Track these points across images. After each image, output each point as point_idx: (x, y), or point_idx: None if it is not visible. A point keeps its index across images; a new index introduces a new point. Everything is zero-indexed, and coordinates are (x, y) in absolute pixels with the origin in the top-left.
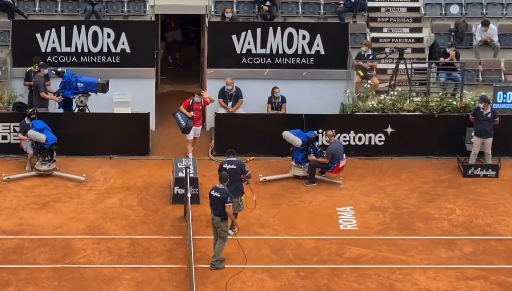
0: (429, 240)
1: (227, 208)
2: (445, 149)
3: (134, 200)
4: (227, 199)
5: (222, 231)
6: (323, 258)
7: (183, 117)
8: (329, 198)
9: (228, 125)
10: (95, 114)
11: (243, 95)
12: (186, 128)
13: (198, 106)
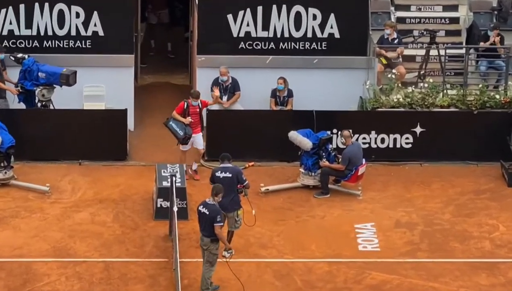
0: (467, 264)
1: (216, 228)
2: (486, 153)
3: (109, 214)
4: (217, 218)
5: (211, 254)
6: (338, 285)
7: (178, 126)
8: (346, 212)
9: (223, 124)
10: (61, 111)
11: (240, 87)
12: (186, 138)
13: (195, 109)
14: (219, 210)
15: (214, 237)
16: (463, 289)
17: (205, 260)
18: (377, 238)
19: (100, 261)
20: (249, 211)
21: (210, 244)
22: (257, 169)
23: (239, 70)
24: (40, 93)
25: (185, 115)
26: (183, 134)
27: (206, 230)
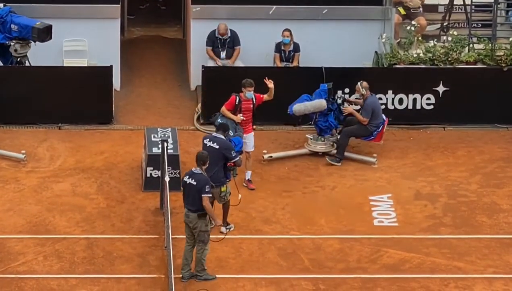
0: (496, 240)
1: (205, 200)
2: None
3: (92, 185)
4: (205, 188)
5: (201, 232)
6: (351, 265)
7: (229, 124)
8: (359, 182)
9: (221, 82)
10: (38, 69)
11: (240, 41)
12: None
13: (248, 105)
14: (207, 180)
15: (202, 211)
16: (492, 269)
17: (197, 240)
18: (395, 211)
19: (83, 238)
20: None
21: (198, 220)
22: (259, 134)
23: (239, 22)
24: (12, 48)
25: (235, 112)
26: (233, 135)
27: (193, 204)
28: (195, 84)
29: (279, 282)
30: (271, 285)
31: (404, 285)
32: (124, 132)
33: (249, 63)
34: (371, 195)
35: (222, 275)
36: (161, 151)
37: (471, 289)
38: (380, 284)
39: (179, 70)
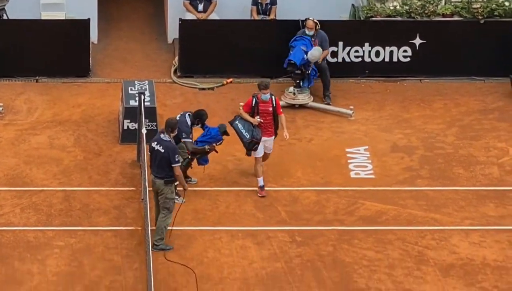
0: (473, 192)
1: (176, 169)
2: (494, 67)
3: (69, 138)
4: (174, 157)
5: (166, 199)
6: (328, 217)
7: (245, 127)
8: (336, 135)
9: (197, 36)
10: (16, 22)
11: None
12: (253, 142)
13: (267, 107)
14: (175, 148)
15: (168, 178)
16: (469, 221)
17: (162, 207)
18: (372, 163)
19: (60, 190)
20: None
21: (164, 187)
22: (236, 86)
23: None
24: None
25: (253, 114)
26: (249, 138)
27: (159, 171)
28: (172, 37)
29: (256, 234)
30: (248, 237)
31: (380, 237)
32: (102, 85)
33: (226, 16)
34: (347, 147)
35: (198, 227)
36: (138, 103)
37: (447, 241)
38: (357, 236)
39: (156, 23)
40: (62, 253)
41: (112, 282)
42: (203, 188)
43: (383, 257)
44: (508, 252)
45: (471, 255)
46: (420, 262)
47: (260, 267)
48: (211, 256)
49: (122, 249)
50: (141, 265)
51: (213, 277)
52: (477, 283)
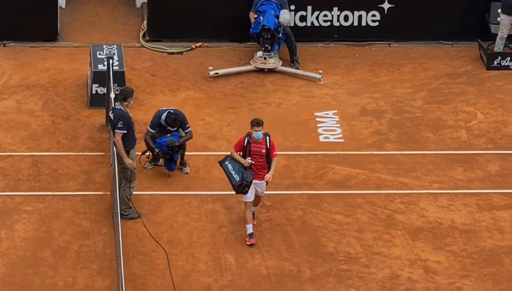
0: (441, 156)
1: (116, 135)
2: (462, 32)
3: (37, 102)
4: (118, 124)
5: (124, 168)
6: (297, 181)
7: (235, 168)
8: (305, 99)
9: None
10: None
11: None
12: (242, 185)
13: (259, 148)
14: (123, 115)
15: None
16: (437, 185)
17: (120, 176)
18: (340, 127)
19: (28, 155)
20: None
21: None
22: (205, 50)
23: None
24: None
25: (245, 155)
26: (239, 180)
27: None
28: (141, 2)
29: (225, 198)
30: (217, 201)
31: (350, 201)
32: (70, 49)
33: None
34: (316, 111)
35: (168, 192)
36: (107, 67)
37: (416, 204)
38: (326, 200)
39: None
40: (31, 218)
41: (80, 247)
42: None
43: (352, 221)
44: (476, 216)
45: (440, 218)
46: (389, 225)
47: (230, 232)
48: (181, 221)
49: (91, 214)
50: (110, 230)
51: (182, 242)
52: (446, 246)
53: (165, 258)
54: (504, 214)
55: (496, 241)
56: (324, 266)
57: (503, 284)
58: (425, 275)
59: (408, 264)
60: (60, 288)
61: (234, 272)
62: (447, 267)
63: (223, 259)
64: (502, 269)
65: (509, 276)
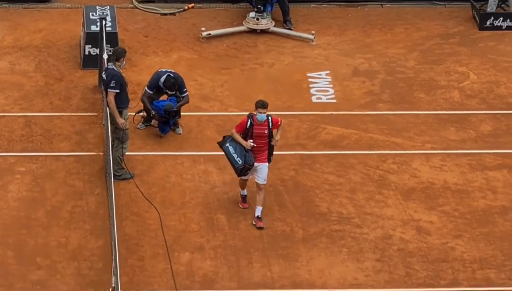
0: (434, 116)
1: (109, 95)
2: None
3: (30, 63)
4: (111, 83)
5: (116, 129)
6: (290, 141)
7: (237, 150)
8: (298, 59)
9: None
10: None
11: None
12: (245, 168)
13: (262, 130)
14: (115, 74)
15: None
16: (430, 145)
17: (113, 137)
18: (333, 88)
19: (21, 116)
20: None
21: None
22: (198, 11)
23: None
24: None
25: (246, 137)
26: (242, 164)
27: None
28: None
29: (218, 159)
30: (210, 162)
31: (342, 161)
32: (63, 10)
33: None
34: (309, 71)
35: (161, 152)
36: (100, 28)
37: (408, 164)
38: (319, 160)
39: None
40: (24, 178)
41: (73, 207)
42: None
43: (345, 181)
44: (469, 176)
45: (432, 179)
46: (382, 186)
47: (222, 192)
48: (173, 181)
49: (84, 175)
50: (103, 190)
51: (175, 202)
52: (438, 206)
53: (157, 218)
54: (497, 174)
55: (488, 201)
56: (317, 226)
57: (495, 244)
58: (417, 235)
59: (401, 224)
60: (53, 248)
61: (226, 232)
62: (440, 227)
63: (215, 220)
64: (495, 229)
65: (501, 236)
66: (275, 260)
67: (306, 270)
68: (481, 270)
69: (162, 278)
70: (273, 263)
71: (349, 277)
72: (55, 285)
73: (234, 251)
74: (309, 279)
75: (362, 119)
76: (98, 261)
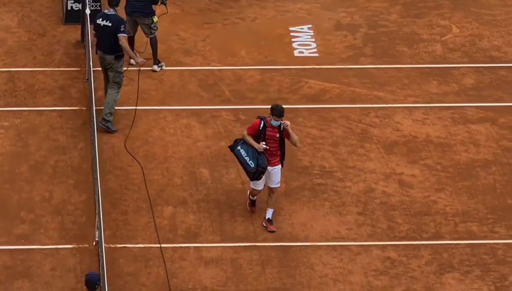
0: (416, 70)
1: (121, 39)
2: None
3: (13, 19)
4: (121, 28)
5: (117, 73)
6: (272, 95)
7: (249, 153)
8: (280, 14)
9: None
10: None
11: None
12: (258, 172)
13: (274, 133)
14: (122, 19)
15: (118, 52)
16: (412, 98)
17: (111, 81)
18: (315, 42)
19: (4, 71)
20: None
21: (115, 61)
22: None
23: None
24: None
25: (259, 139)
26: (254, 167)
27: (110, 47)
28: None
29: (200, 113)
30: (192, 116)
31: (324, 115)
32: None
33: None
34: (291, 26)
35: (143, 107)
36: None
37: (391, 118)
38: (301, 114)
39: None
40: (7, 133)
41: (57, 162)
42: (148, 68)
43: (327, 135)
44: (451, 129)
45: (415, 132)
46: (364, 139)
47: (205, 146)
48: (156, 135)
49: (67, 129)
50: (86, 145)
51: (158, 156)
52: (421, 160)
53: (140, 172)
54: (479, 127)
55: (471, 154)
56: (299, 180)
57: (478, 197)
58: (400, 189)
59: (383, 177)
60: (37, 202)
61: (209, 186)
62: (422, 180)
63: (198, 174)
64: (477, 182)
65: (484, 189)
66: (257, 213)
67: (288, 224)
68: (463, 223)
69: (145, 232)
70: (255, 216)
71: (332, 230)
72: (39, 239)
73: (217, 205)
74: (292, 232)
75: (345, 73)
76: (82, 215)
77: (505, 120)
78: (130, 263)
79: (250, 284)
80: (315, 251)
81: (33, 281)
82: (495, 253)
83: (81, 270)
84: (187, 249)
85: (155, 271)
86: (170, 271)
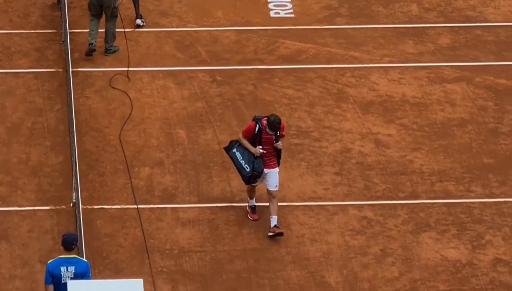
0: (392, 30)
1: None
2: None
3: None
4: None
5: (114, 8)
6: (248, 56)
7: (245, 156)
8: None
9: None
10: None
11: None
12: (253, 176)
13: (270, 136)
14: None
15: None
16: (388, 58)
17: (110, 17)
18: (291, 2)
19: None
20: None
21: None
22: None
23: None
24: None
25: (255, 143)
26: (250, 171)
27: None
28: None
29: (177, 74)
30: (169, 77)
31: (301, 75)
32: None
33: None
34: None
35: (120, 68)
36: None
37: (367, 78)
38: (277, 75)
39: None
40: None
41: (34, 124)
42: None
43: (303, 95)
44: (427, 89)
45: (391, 92)
46: (340, 99)
47: (181, 107)
48: (132, 97)
49: (44, 91)
50: (63, 107)
51: (134, 118)
52: (397, 119)
53: (117, 134)
54: (455, 86)
55: (447, 113)
56: None
57: (454, 156)
58: (376, 148)
59: (359, 137)
60: (14, 164)
61: (186, 147)
62: (398, 140)
63: (174, 134)
64: (453, 141)
65: (460, 148)
66: (234, 174)
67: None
68: (440, 183)
69: (122, 193)
70: (232, 177)
71: (308, 190)
72: (16, 201)
73: (193, 166)
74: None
75: (321, 33)
76: (59, 177)
77: (480, 79)
78: (107, 224)
79: (227, 245)
80: (292, 211)
81: (10, 242)
82: (471, 212)
83: (58, 231)
84: (164, 210)
85: (132, 232)
86: (147, 232)
